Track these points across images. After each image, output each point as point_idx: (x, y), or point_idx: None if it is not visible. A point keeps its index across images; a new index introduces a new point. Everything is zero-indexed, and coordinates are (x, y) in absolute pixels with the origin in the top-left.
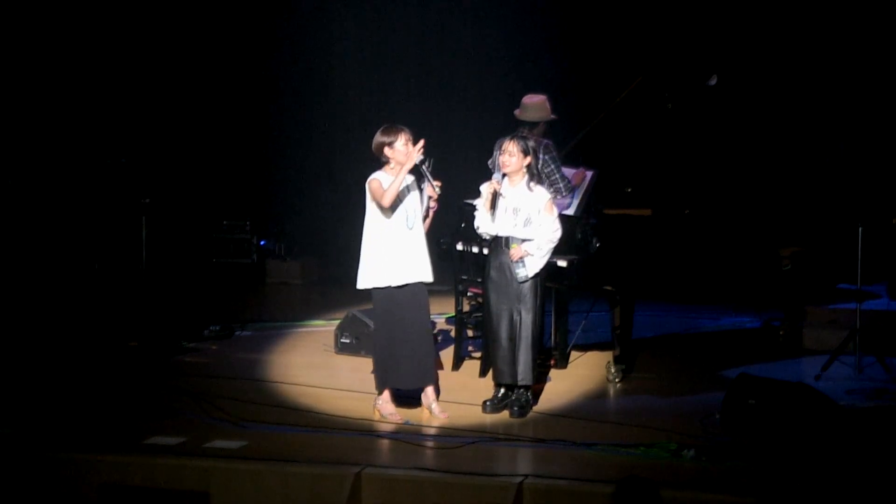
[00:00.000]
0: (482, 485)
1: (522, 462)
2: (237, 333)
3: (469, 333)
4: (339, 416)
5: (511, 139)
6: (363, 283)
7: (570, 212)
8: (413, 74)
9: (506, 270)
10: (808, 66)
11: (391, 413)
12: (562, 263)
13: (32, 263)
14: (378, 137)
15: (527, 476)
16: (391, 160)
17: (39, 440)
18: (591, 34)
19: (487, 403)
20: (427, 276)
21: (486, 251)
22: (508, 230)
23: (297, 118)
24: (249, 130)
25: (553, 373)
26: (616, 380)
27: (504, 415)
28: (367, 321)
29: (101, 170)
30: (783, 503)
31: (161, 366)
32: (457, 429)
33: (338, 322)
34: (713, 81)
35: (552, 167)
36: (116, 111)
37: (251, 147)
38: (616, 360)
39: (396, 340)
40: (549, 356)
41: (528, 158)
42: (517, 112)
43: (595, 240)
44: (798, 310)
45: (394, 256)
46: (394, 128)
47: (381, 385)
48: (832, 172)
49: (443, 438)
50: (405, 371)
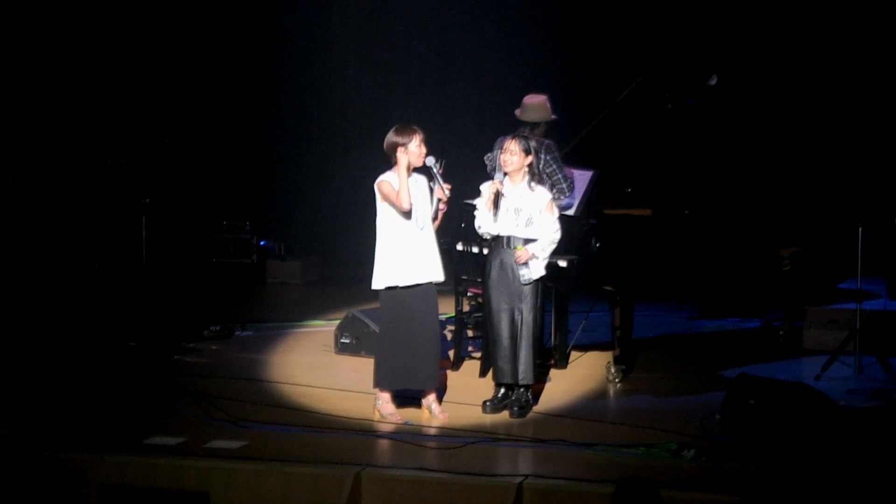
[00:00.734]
0: (482, 485)
1: (522, 462)
2: (237, 333)
3: (469, 333)
4: (339, 417)
5: (513, 138)
6: (376, 284)
7: (571, 212)
8: (413, 74)
9: (507, 270)
10: (808, 66)
11: (391, 413)
12: (562, 263)
13: (33, 263)
14: (391, 137)
15: (527, 476)
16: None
17: (39, 440)
18: (592, 34)
19: (487, 403)
20: (438, 276)
21: (486, 251)
22: (510, 230)
23: (297, 118)
24: (249, 131)
25: (553, 373)
26: (616, 380)
27: (504, 415)
28: (368, 321)
29: (101, 170)
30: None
31: (161, 366)
32: (457, 429)
33: (338, 322)
34: (713, 81)
35: (554, 167)
36: (116, 111)
37: (251, 147)
38: (616, 361)
39: (403, 341)
40: (550, 356)
41: (530, 158)
42: (518, 112)
43: (595, 240)
44: (798, 310)
45: (405, 257)
46: (408, 128)
47: (382, 384)
48: (832, 172)
49: (443, 439)
50: (411, 372)
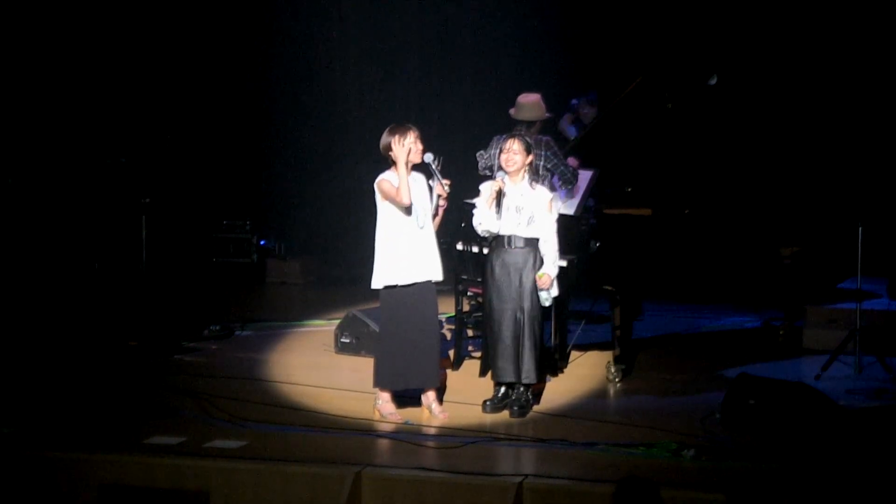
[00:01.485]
0: (482, 485)
1: (522, 462)
2: (237, 333)
3: (469, 333)
4: (339, 416)
5: (514, 138)
6: (377, 283)
7: (571, 212)
8: (413, 74)
9: (508, 269)
10: (808, 66)
11: (391, 413)
12: (562, 263)
13: (33, 263)
14: (386, 137)
15: (527, 476)
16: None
17: (39, 440)
18: (592, 34)
19: (487, 403)
20: (437, 275)
21: (486, 250)
22: (511, 229)
23: (297, 118)
24: (249, 130)
25: None
26: (616, 379)
27: (504, 414)
28: (368, 321)
29: (101, 169)
30: (784, 503)
31: (161, 365)
32: (457, 428)
33: (338, 322)
34: (713, 81)
35: (555, 161)
36: (116, 111)
37: (251, 147)
38: (616, 360)
39: (404, 340)
40: (551, 358)
41: (531, 157)
42: (512, 111)
43: (595, 239)
44: (798, 309)
45: (404, 255)
46: (402, 126)
47: (382, 383)
48: (832, 172)
49: (443, 438)
50: (411, 372)
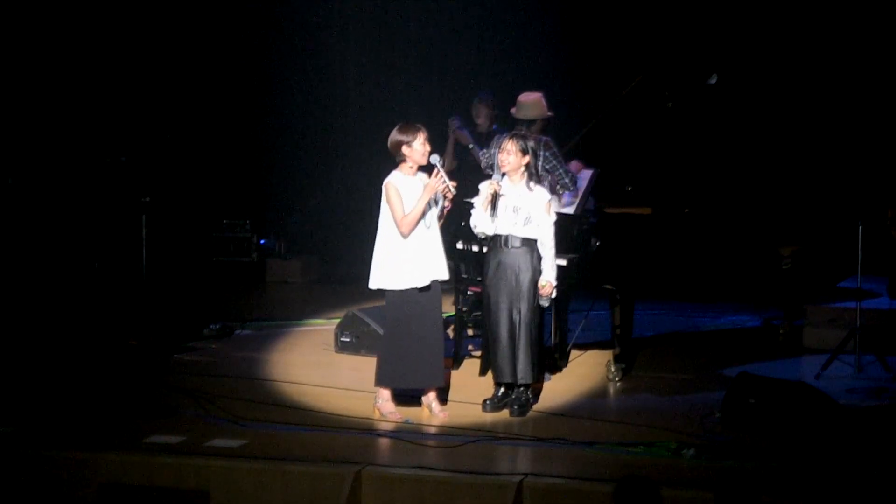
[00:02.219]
0: (482, 484)
1: (522, 461)
2: (237, 332)
3: (469, 332)
4: (339, 415)
5: (510, 138)
6: (381, 284)
7: (571, 211)
8: (413, 74)
9: (505, 269)
10: (808, 66)
11: (391, 412)
12: (562, 262)
13: (33, 263)
14: (395, 135)
15: (527, 475)
16: (408, 159)
17: (39, 439)
18: (592, 33)
19: (487, 402)
20: (444, 275)
21: (486, 250)
22: (508, 229)
23: (297, 117)
24: (249, 129)
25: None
26: (616, 379)
27: (504, 414)
28: (368, 320)
29: (101, 169)
30: (784, 502)
31: (161, 365)
32: (457, 428)
33: (338, 321)
34: (713, 80)
35: (554, 163)
36: (116, 110)
37: (251, 146)
38: (616, 359)
39: (410, 339)
40: (551, 357)
41: (527, 157)
42: (513, 110)
43: (595, 239)
44: (798, 308)
45: (414, 257)
46: (412, 126)
47: (385, 382)
48: (832, 171)
49: (443, 437)
50: (417, 370)
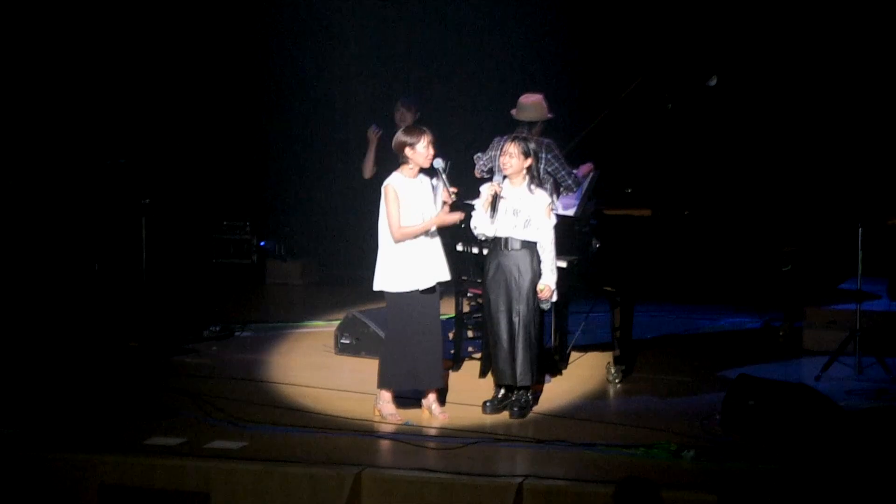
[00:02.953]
0: (482, 485)
1: (522, 463)
2: (237, 334)
3: (469, 334)
4: (340, 417)
5: (512, 141)
6: (382, 286)
7: (571, 212)
8: (413, 75)
9: (505, 271)
10: (808, 66)
11: (391, 413)
12: (562, 264)
13: (32, 264)
14: (400, 136)
15: (527, 477)
16: (410, 161)
17: (39, 440)
18: (591, 34)
19: (487, 404)
20: (445, 276)
21: (486, 252)
22: (508, 231)
23: (297, 118)
24: (249, 131)
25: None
26: (616, 380)
27: (504, 415)
28: (368, 322)
29: (101, 170)
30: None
31: (161, 366)
32: (457, 429)
33: (338, 323)
34: (713, 82)
35: (556, 165)
36: (116, 111)
37: (251, 147)
38: (616, 361)
39: (410, 342)
40: (551, 358)
41: (529, 160)
42: (514, 112)
43: (595, 240)
44: (798, 310)
45: (414, 260)
46: (417, 128)
47: (387, 384)
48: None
49: (443, 439)
50: (418, 372)
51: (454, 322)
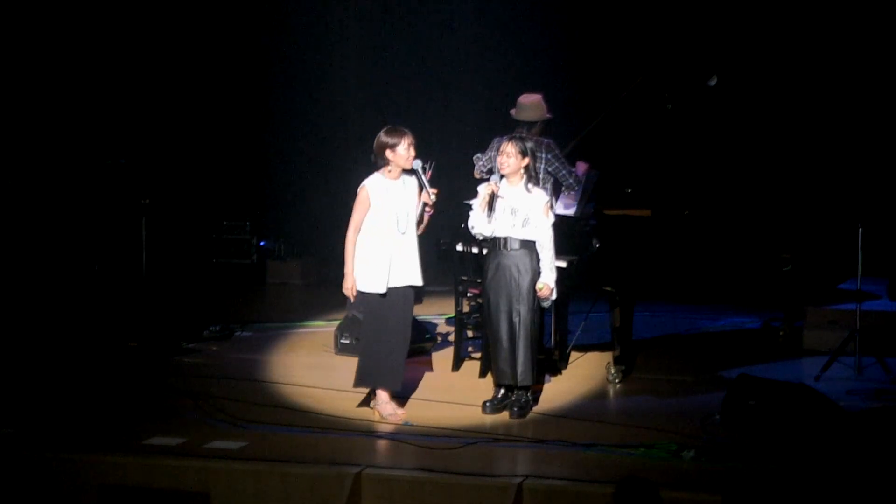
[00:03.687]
0: (482, 485)
1: (522, 463)
2: (237, 334)
3: (469, 334)
4: (339, 417)
5: (509, 141)
6: (358, 285)
7: (571, 212)
8: (412, 75)
9: (504, 271)
10: (808, 67)
11: (391, 414)
12: (561, 264)
13: (32, 264)
14: (381, 137)
15: (526, 477)
16: (390, 163)
17: (39, 440)
18: (591, 34)
19: (487, 404)
20: (416, 281)
21: (486, 252)
22: (507, 231)
23: (297, 118)
24: (249, 131)
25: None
26: (616, 380)
27: (504, 415)
28: None
29: (101, 170)
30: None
31: (161, 366)
32: (457, 429)
33: (337, 323)
34: (713, 82)
35: (556, 164)
36: (116, 111)
37: (251, 147)
38: (616, 361)
39: (381, 342)
40: (550, 358)
41: (527, 160)
42: (513, 112)
43: (595, 240)
44: (798, 310)
45: (384, 261)
46: (398, 130)
47: (361, 382)
48: (832, 172)
49: (443, 439)
50: (386, 372)
51: (454, 322)
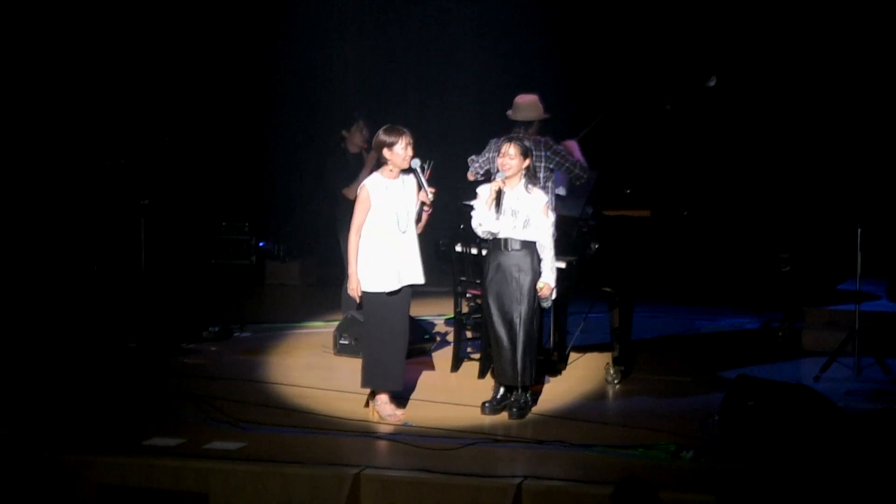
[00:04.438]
0: (481, 486)
1: (521, 463)
2: (236, 335)
3: (468, 335)
4: (338, 418)
5: (510, 142)
6: (361, 285)
7: (571, 213)
8: (412, 76)
9: (504, 272)
10: (808, 67)
11: (390, 414)
12: (560, 264)
13: (32, 265)
14: (380, 136)
15: (526, 477)
16: (388, 162)
17: (39, 441)
18: (591, 35)
19: (486, 405)
20: (419, 279)
21: (485, 252)
22: (507, 232)
23: (296, 119)
24: (248, 132)
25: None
26: (615, 381)
27: (503, 416)
28: None
29: (100, 171)
30: None
31: (160, 367)
32: (456, 430)
33: (336, 323)
34: (712, 83)
35: (558, 160)
36: (116, 112)
37: (250, 148)
38: (615, 362)
39: (385, 342)
40: (550, 359)
41: (528, 161)
42: (510, 113)
43: (594, 241)
44: (797, 311)
45: (386, 261)
46: (396, 129)
47: (368, 383)
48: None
49: (442, 440)
50: (389, 373)
51: (454, 322)
